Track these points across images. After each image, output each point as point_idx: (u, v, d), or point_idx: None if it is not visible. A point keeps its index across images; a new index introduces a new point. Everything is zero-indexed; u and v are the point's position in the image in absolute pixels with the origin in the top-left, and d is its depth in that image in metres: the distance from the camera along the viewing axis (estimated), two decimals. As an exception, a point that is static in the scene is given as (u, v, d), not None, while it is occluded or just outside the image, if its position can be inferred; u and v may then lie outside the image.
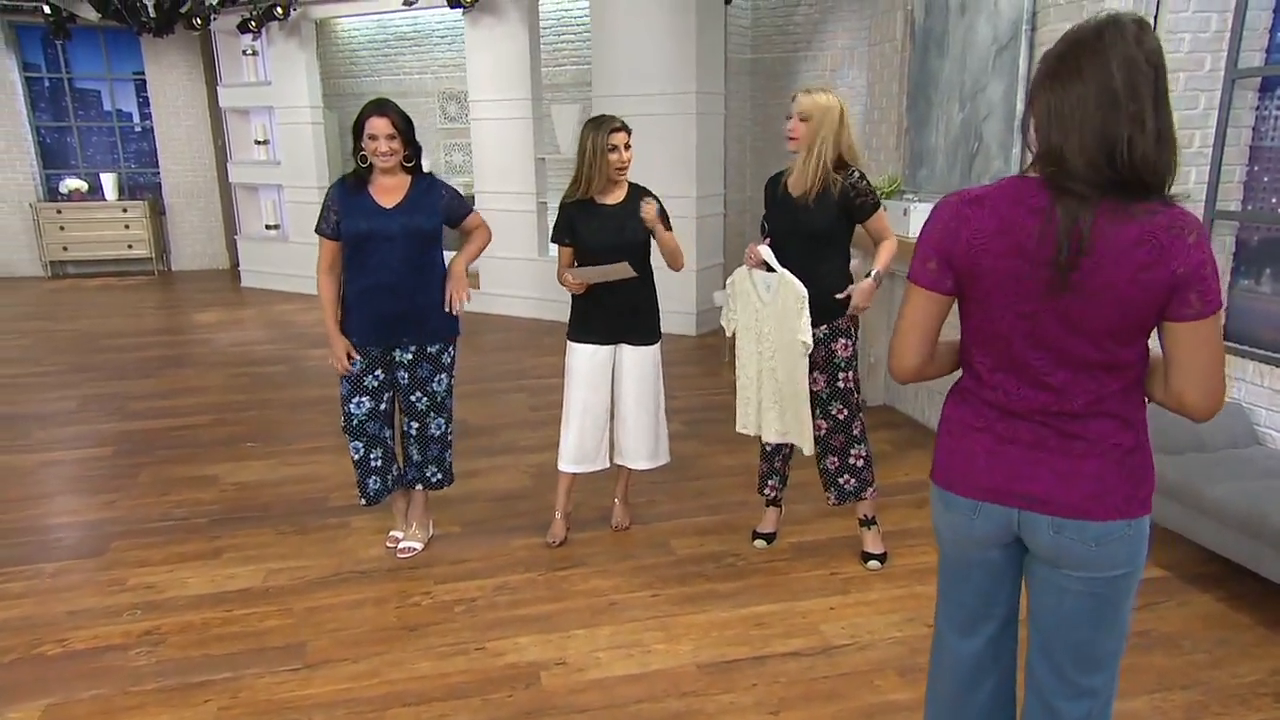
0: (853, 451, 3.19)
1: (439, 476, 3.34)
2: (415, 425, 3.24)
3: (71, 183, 10.19)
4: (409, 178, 3.13)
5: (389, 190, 3.08)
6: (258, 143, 9.28)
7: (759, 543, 3.39)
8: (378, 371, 3.16)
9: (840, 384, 3.11)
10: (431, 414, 3.23)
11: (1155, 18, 3.38)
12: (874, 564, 3.21)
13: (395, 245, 3.04)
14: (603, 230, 3.15)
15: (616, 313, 3.22)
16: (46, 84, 10.31)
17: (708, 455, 4.25)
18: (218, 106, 9.57)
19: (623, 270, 3.07)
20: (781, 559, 3.29)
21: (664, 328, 3.44)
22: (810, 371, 3.09)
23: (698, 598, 3.01)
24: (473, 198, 7.96)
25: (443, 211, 3.14)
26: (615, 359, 3.31)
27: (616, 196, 3.20)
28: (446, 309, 3.13)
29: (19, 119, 10.02)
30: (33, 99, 10.24)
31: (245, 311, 8.20)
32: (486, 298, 7.92)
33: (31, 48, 10.13)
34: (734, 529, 3.52)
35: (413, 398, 3.20)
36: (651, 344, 3.32)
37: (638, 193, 3.24)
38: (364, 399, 3.15)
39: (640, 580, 3.13)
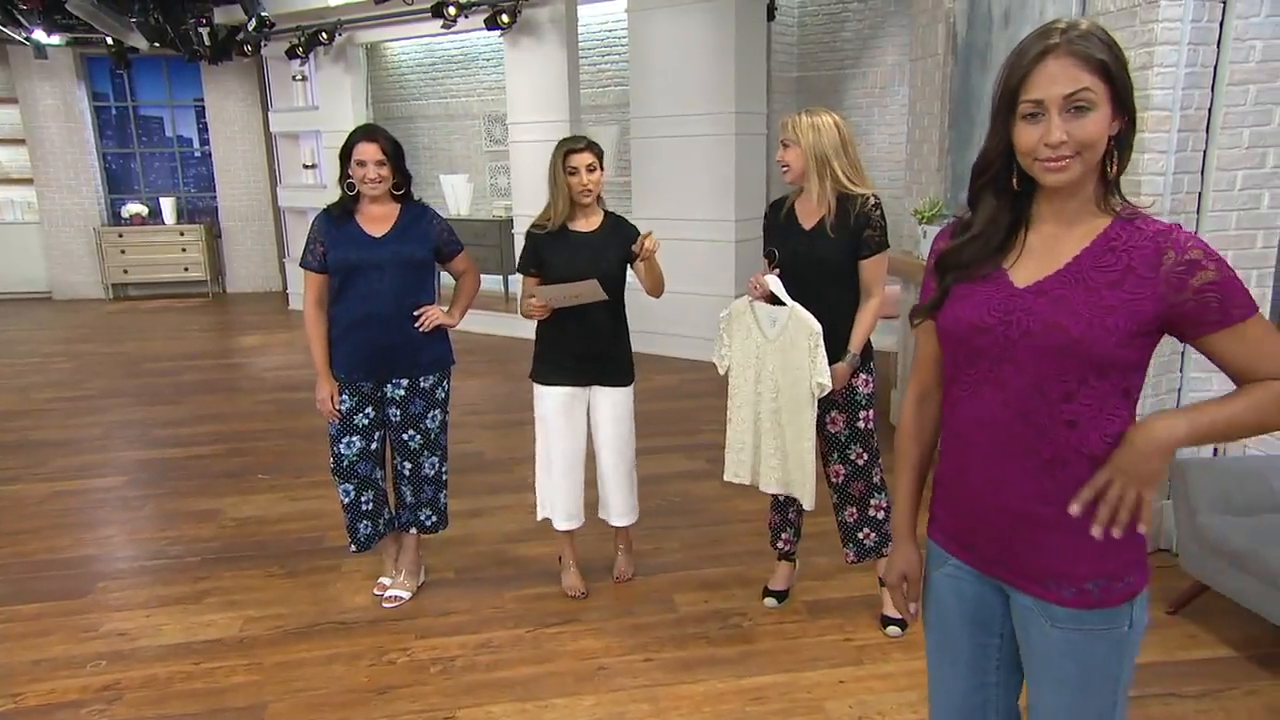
0: (873, 502, 2.90)
1: (434, 519, 3.16)
2: (408, 465, 3.07)
3: (133, 207, 10.46)
4: (398, 206, 2.98)
5: (377, 219, 2.95)
6: (306, 166, 9.37)
7: (769, 601, 3.11)
8: (368, 409, 3.01)
9: (860, 424, 2.83)
10: (425, 453, 3.06)
11: (1221, 23, 3.03)
12: (894, 630, 2.89)
13: (385, 275, 2.90)
14: (575, 259, 2.91)
15: (589, 350, 2.98)
16: (113, 111, 10.63)
17: (725, 498, 3.97)
18: (270, 131, 9.72)
19: (593, 290, 2.82)
20: (792, 620, 3.00)
21: (695, 354, 3.19)
22: (828, 411, 2.82)
23: (695, 664, 2.75)
24: (512, 220, 7.87)
25: (435, 241, 3.00)
26: (589, 403, 3.07)
27: (590, 223, 2.97)
28: (418, 324, 2.95)
29: (87, 146, 10.34)
30: (100, 126, 10.58)
31: (286, 335, 8.22)
32: (518, 322, 7.78)
33: (100, 77, 10.47)
34: (745, 583, 3.24)
35: (405, 435, 3.03)
36: (627, 385, 3.08)
37: (614, 221, 3.01)
38: (354, 438, 3.00)
39: (635, 641, 2.88)
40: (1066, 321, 1.22)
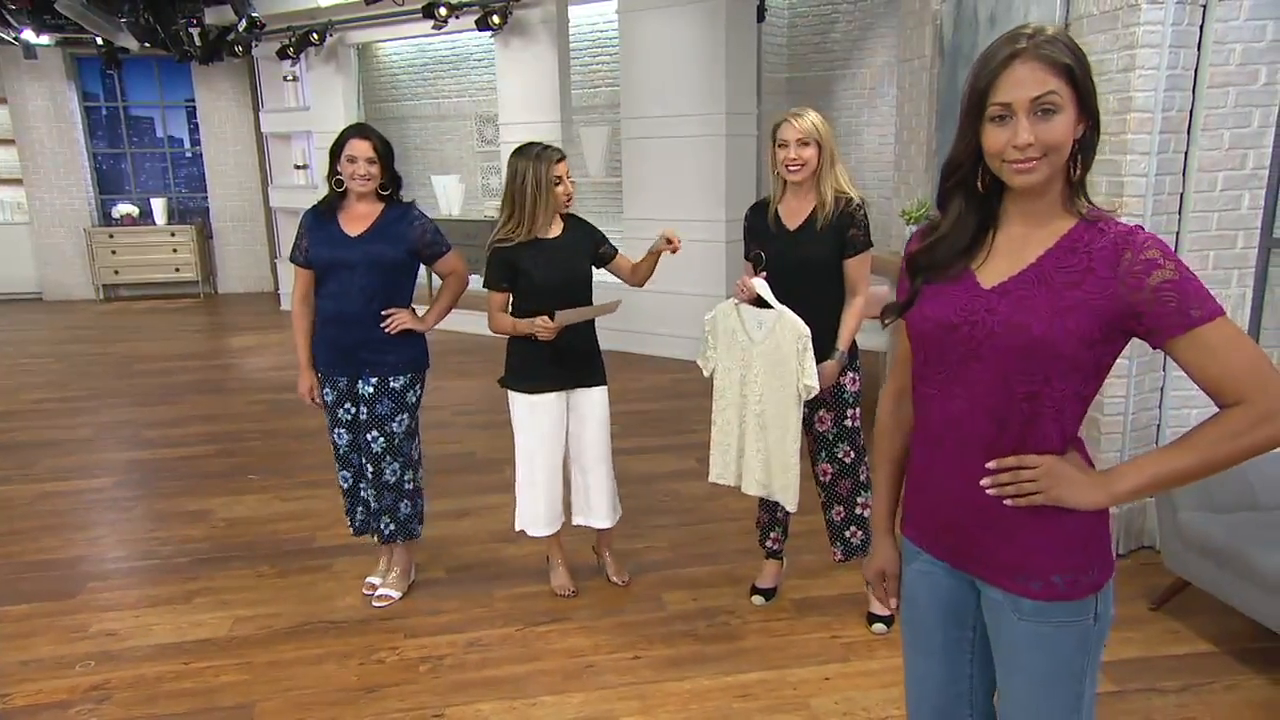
0: (859, 500, 2.92)
1: (391, 528, 3.13)
2: (370, 468, 3.06)
3: (123, 208, 10.44)
4: (381, 206, 2.99)
5: (358, 218, 2.97)
6: (297, 167, 9.37)
7: (757, 599, 3.13)
8: (348, 404, 3.04)
9: (848, 422, 2.86)
10: (387, 458, 3.04)
11: (1201, 26, 3.06)
12: (879, 627, 2.92)
13: (355, 274, 2.92)
14: (552, 265, 2.92)
15: (571, 354, 2.99)
16: (104, 112, 10.60)
17: (715, 497, 3.98)
18: (261, 132, 9.71)
19: (615, 307, 2.87)
20: (780, 618, 3.02)
21: (685, 354, 3.22)
22: (816, 409, 2.85)
23: (682, 661, 2.77)
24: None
25: (414, 242, 2.98)
26: (567, 404, 3.09)
27: (555, 229, 2.97)
28: (384, 326, 2.95)
29: (77, 147, 10.31)
30: (91, 127, 10.54)
31: (278, 336, 8.22)
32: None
33: (91, 78, 10.44)
34: (734, 581, 3.27)
35: (369, 436, 3.03)
36: (605, 384, 3.12)
37: (575, 223, 3.03)
38: (341, 430, 3.08)
39: (624, 639, 2.90)
40: (1028, 321, 1.24)
